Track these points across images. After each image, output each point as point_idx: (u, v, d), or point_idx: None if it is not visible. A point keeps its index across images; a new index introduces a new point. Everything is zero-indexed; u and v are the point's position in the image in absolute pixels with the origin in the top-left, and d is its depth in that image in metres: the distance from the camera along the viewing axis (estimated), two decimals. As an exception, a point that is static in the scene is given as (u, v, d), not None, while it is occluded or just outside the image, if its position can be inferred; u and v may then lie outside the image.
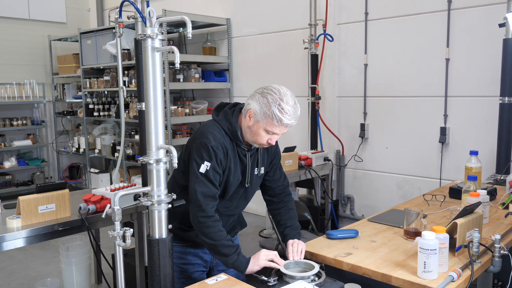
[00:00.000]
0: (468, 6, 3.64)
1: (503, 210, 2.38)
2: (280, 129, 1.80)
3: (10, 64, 6.43)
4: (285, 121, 1.76)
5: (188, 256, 2.02)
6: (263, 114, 1.77)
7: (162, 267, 1.63)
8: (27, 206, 2.26)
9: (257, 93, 1.82)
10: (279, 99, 1.76)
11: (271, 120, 1.76)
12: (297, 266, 1.82)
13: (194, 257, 2.03)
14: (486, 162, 3.21)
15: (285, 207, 2.11)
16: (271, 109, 1.75)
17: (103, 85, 5.91)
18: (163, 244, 1.63)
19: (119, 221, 1.56)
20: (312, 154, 3.98)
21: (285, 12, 4.86)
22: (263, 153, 2.03)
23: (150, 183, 1.60)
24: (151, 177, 1.60)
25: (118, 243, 1.58)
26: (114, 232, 1.56)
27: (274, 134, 1.82)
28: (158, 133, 1.59)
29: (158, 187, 1.60)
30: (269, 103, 1.76)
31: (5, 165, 6.28)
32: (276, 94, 1.78)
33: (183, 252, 2.02)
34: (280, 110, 1.75)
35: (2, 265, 3.97)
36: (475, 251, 1.74)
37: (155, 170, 1.59)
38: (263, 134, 1.81)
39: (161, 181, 1.60)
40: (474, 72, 3.66)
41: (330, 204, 4.26)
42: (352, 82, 4.42)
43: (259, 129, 1.81)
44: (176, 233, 1.97)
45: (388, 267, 1.71)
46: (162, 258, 1.63)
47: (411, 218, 2.01)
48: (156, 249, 1.62)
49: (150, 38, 1.55)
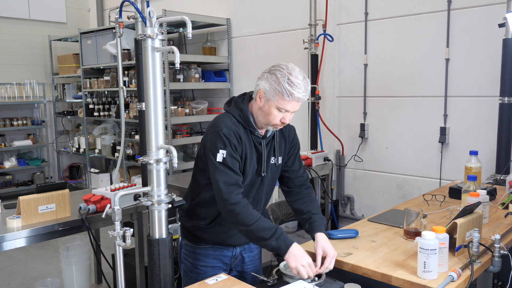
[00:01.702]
0: (468, 6, 3.64)
1: (503, 210, 2.38)
2: (292, 104, 1.77)
3: (10, 64, 6.43)
4: (296, 94, 1.74)
5: (208, 258, 1.97)
6: (273, 91, 1.76)
7: (162, 267, 1.63)
8: (27, 206, 2.26)
9: (265, 72, 1.83)
10: (287, 74, 1.75)
11: (282, 95, 1.74)
12: (297, 266, 1.81)
13: (214, 259, 1.98)
14: (486, 162, 3.21)
15: (308, 197, 2.04)
16: (280, 84, 1.74)
17: (103, 85, 5.91)
18: (163, 244, 1.63)
19: (119, 221, 1.56)
20: (312, 154, 3.98)
21: (285, 12, 4.86)
22: (279, 141, 1.98)
23: (150, 183, 1.60)
24: (151, 177, 1.60)
25: (118, 243, 1.58)
26: (114, 232, 1.57)
27: (286, 111, 1.79)
28: (158, 133, 1.59)
29: (158, 187, 1.60)
30: (278, 78, 1.76)
31: (5, 165, 6.28)
32: (284, 69, 1.78)
33: (204, 255, 1.97)
34: (290, 84, 1.73)
35: (2, 265, 3.98)
36: (475, 251, 1.74)
37: (155, 170, 1.59)
38: (276, 112, 1.79)
39: (161, 181, 1.60)
40: (474, 72, 3.66)
41: (330, 204, 4.26)
42: (352, 82, 4.42)
43: (271, 107, 1.78)
44: (196, 233, 1.93)
45: (388, 267, 1.71)
46: (162, 258, 1.63)
47: (411, 218, 2.01)
48: (156, 249, 1.62)
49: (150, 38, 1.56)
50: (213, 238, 1.95)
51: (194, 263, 1.97)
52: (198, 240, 1.96)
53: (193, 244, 1.97)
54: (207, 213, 1.91)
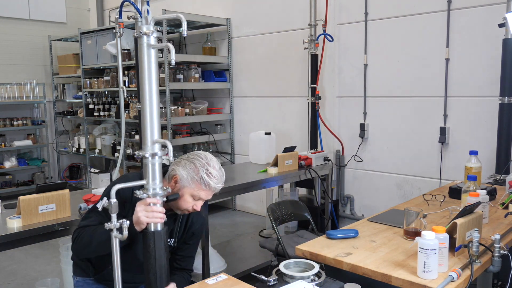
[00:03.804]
0: (468, 6, 3.64)
1: (503, 210, 2.38)
2: (206, 193, 1.81)
3: (10, 64, 6.43)
4: (213, 184, 1.79)
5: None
6: (190, 179, 1.78)
7: (157, 258, 1.64)
8: (27, 206, 2.26)
9: (183, 159, 1.84)
10: (206, 164, 1.79)
11: (199, 184, 1.78)
12: (297, 266, 1.82)
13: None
14: (485, 162, 3.21)
15: (181, 277, 2.01)
16: (199, 173, 1.77)
17: (103, 85, 5.91)
18: (158, 236, 1.64)
19: (115, 213, 1.57)
20: (312, 154, 3.98)
21: (285, 12, 4.86)
22: (180, 226, 1.97)
23: (146, 176, 1.62)
24: (146, 171, 1.62)
25: (115, 235, 1.59)
26: (111, 224, 1.57)
27: (200, 199, 1.82)
28: (153, 128, 1.61)
29: (154, 181, 1.62)
30: (196, 168, 1.78)
31: (6, 165, 6.28)
32: (203, 159, 1.81)
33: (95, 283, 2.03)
34: (208, 175, 1.78)
35: (2, 265, 3.98)
36: (474, 251, 1.74)
37: (151, 164, 1.61)
38: (189, 199, 1.81)
39: (156, 175, 1.62)
40: (474, 72, 3.66)
41: (330, 204, 4.26)
42: (352, 82, 4.42)
43: (185, 194, 1.80)
44: (86, 270, 2.01)
45: (388, 267, 1.71)
46: (157, 249, 1.64)
47: (411, 218, 2.01)
48: (152, 241, 1.63)
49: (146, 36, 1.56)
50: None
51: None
52: (87, 272, 2.02)
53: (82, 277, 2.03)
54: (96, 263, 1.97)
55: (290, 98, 4.92)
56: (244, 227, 4.97)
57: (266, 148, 4.08)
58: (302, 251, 1.94)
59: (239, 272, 3.34)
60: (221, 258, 3.54)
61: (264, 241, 3.17)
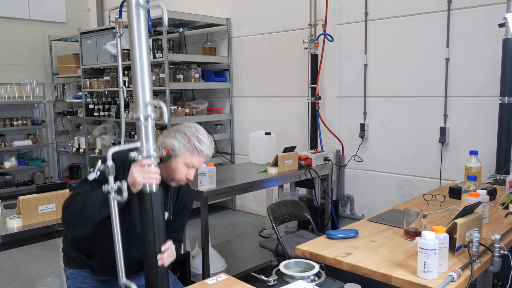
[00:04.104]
0: (468, 6, 3.64)
1: (503, 210, 2.38)
2: (199, 160, 1.86)
3: (10, 64, 6.43)
4: (205, 151, 1.85)
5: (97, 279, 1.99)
6: (183, 147, 1.83)
7: (155, 219, 1.65)
8: (27, 206, 2.26)
9: (171, 131, 1.88)
10: (196, 132, 1.86)
11: (192, 152, 1.84)
12: (297, 266, 1.82)
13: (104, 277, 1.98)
14: (486, 162, 3.21)
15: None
16: (191, 141, 1.83)
17: (103, 85, 5.91)
18: (155, 197, 1.66)
19: (113, 175, 1.58)
20: (312, 154, 3.98)
21: (285, 12, 4.86)
22: (172, 199, 2.00)
23: (140, 139, 1.63)
24: (139, 134, 1.63)
25: (114, 197, 1.58)
26: (108, 186, 1.58)
27: (192, 167, 1.86)
28: (144, 90, 1.63)
29: (147, 143, 1.64)
30: (187, 136, 1.84)
31: (5, 165, 6.28)
32: (192, 128, 1.88)
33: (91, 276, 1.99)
34: (200, 141, 1.85)
35: (3, 264, 3.98)
36: (475, 251, 1.74)
37: (143, 126, 1.63)
38: (183, 169, 1.85)
39: (150, 136, 1.64)
40: (474, 72, 3.66)
41: (330, 204, 4.26)
42: (352, 82, 4.42)
43: (178, 164, 1.83)
44: (79, 260, 1.97)
45: (388, 267, 1.71)
46: (155, 209, 1.65)
47: (411, 218, 2.01)
48: (149, 202, 1.64)
49: None
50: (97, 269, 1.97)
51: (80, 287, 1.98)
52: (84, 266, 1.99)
53: (77, 269, 2.00)
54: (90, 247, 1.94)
55: (290, 98, 4.92)
56: (244, 227, 4.97)
57: (266, 148, 4.08)
58: (302, 251, 1.94)
59: (239, 272, 3.34)
60: (221, 258, 3.54)
61: (264, 241, 3.17)
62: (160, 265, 1.66)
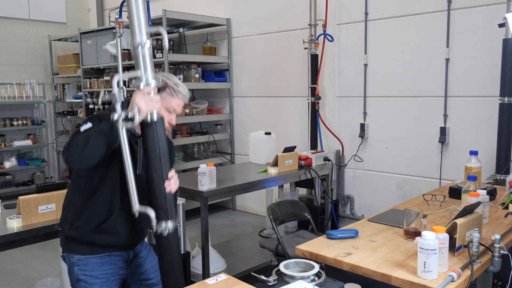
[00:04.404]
0: (468, 6, 3.64)
1: (503, 210, 2.38)
2: (177, 102, 1.93)
3: (10, 64, 6.43)
4: (182, 91, 1.93)
5: (104, 266, 1.90)
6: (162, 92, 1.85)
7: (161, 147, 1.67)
8: (27, 206, 2.27)
9: None
10: (170, 77, 1.93)
11: (170, 95, 1.90)
12: (297, 266, 1.82)
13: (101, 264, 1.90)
14: (485, 162, 3.21)
15: None
16: (168, 85, 1.89)
17: (103, 85, 5.91)
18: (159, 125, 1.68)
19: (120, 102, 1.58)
20: (312, 154, 3.98)
21: (285, 12, 4.86)
22: None
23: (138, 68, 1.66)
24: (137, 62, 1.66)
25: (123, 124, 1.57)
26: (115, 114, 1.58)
27: (174, 112, 1.93)
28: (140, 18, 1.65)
29: (146, 71, 1.66)
30: (163, 81, 1.89)
31: (5, 165, 6.28)
32: (166, 74, 1.95)
33: (100, 263, 1.90)
34: (175, 84, 1.92)
35: (3, 265, 3.98)
36: (475, 251, 1.74)
37: (141, 54, 1.65)
38: (165, 114, 1.88)
39: (148, 65, 1.67)
40: (474, 72, 3.66)
41: (330, 204, 4.26)
42: (352, 82, 4.42)
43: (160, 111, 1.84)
44: (87, 241, 1.86)
45: (388, 267, 1.71)
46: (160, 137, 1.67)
47: (411, 218, 2.01)
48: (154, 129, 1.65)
49: None
50: (105, 241, 1.88)
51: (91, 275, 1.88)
52: (90, 248, 1.89)
53: (85, 255, 1.90)
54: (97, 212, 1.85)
55: (290, 98, 4.92)
56: (244, 227, 4.97)
57: (266, 148, 4.08)
58: (302, 251, 1.94)
59: (239, 272, 3.34)
60: (221, 258, 3.54)
61: (264, 241, 3.17)
62: (168, 192, 1.70)
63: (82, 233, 1.86)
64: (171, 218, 1.74)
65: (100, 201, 1.83)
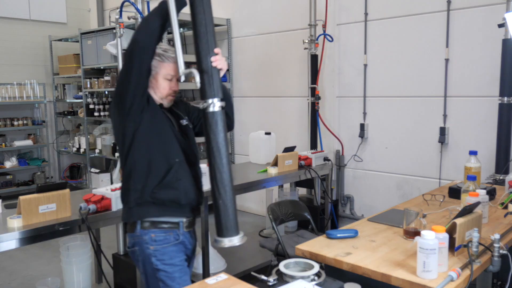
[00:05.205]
0: (467, 6, 3.64)
1: (502, 210, 2.39)
2: (170, 66, 1.96)
3: (10, 64, 6.43)
4: (170, 54, 1.97)
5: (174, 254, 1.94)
6: (155, 62, 1.93)
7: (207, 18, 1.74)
8: (28, 206, 2.27)
9: None
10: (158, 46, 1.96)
11: (162, 62, 1.95)
12: (297, 265, 1.82)
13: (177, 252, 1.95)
14: (485, 162, 3.21)
15: None
16: (158, 54, 1.94)
17: (104, 85, 5.92)
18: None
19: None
20: (312, 154, 3.98)
21: (285, 12, 4.86)
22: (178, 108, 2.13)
23: None
24: None
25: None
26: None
27: (172, 79, 1.98)
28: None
29: None
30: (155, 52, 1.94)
31: (6, 165, 6.29)
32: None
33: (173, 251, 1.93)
34: (165, 50, 1.97)
35: (3, 264, 3.98)
36: (474, 250, 1.74)
37: None
38: (165, 83, 1.97)
39: None
40: (473, 72, 3.66)
41: (330, 204, 4.26)
42: (352, 82, 4.42)
43: (158, 80, 1.96)
44: (153, 198, 1.90)
45: (387, 267, 1.72)
46: (207, 12, 1.73)
47: (410, 218, 2.01)
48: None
49: None
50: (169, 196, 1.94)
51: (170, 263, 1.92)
52: (157, 208, 1.94)
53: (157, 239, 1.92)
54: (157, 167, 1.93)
55: (290, 98, 4.92)
56: (244, 227, 4.95)
57: (266, 148, 4.09)
58: (302, 251, 1.95)
59: (239, 272, 3.35)
60: (221, 258, 3.54)
61: (264, 241, 3.17)
62: (215, 67, 1.78)
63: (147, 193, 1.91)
64: (217, 95, 1.77)
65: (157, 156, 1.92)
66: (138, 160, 1.93)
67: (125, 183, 2.00)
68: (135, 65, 1.83)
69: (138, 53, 1.83)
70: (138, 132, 1.90)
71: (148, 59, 1.86)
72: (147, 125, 1.90)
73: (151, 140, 1.91)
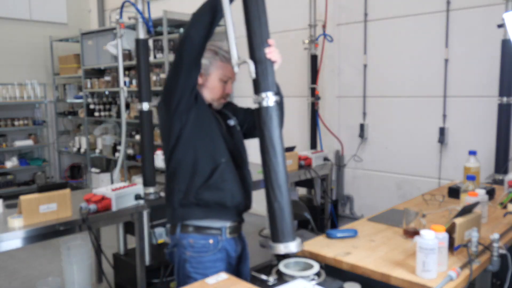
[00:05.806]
0: (467, 6, 3.65)
1: (502, 209, 2.39)
2: (230, 69, 1.88)
3: (11, 65, 6.44)
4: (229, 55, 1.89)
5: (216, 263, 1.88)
6: (213, 61, 1.88)
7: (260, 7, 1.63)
8: (29, 206, 2.28)
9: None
10: (217, 45, 1.92)
11: (220, 62, 1.89)
12: (297, 265, 1.83)
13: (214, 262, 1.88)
14: (484, 162, 3.22)
15: None
16: (218, 53, 1.89)
17: (104, 86, 5.93)
18: None
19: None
20: (311, 154, 3.98)
21: (285, 12, 4.87)
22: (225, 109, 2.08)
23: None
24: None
25: None
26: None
27: (228, 80, 1.92)
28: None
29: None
30: (212, 50, 1.90)
31: (7, 165, 6.30)
32: (214, 44, 1.93)
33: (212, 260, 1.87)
34: (220, 47, 1.90)
35: (4, 264, 3.99)
36: (473, 250, 1.75)
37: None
38: (219, 84, 1.91)
39: None
40: (472, 73, 3.67)
41: (330, 204, 4.26)
42: (352, 82, 4.43)
43: (214, 81, 1.91)
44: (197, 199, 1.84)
45: (387, 267, 1.72)
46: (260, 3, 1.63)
47: (410, 217, 2.02)
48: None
49: None
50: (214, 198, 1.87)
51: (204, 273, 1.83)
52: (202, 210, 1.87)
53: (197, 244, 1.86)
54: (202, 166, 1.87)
55: (290, 98, 4.89)
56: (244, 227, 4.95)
57: (266, 148, 4.08)
58: (302, 250, 1.95)
59: (239, 271, 3.35)
60: (222, 257, 3.54)
61: (264, 241, 3.18)
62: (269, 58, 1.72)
63: (191, 194, 1.85)
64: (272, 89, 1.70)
65: (203, 156, 1.86)
66: (183, 159, 1.86)
67: (168, 183, 1.92)
68: (185, 61, 1.75)
69: (188, 49, 1.74)
70: (185, 130, 1.84)
71: (198, 55, 1.77)
72: (193, 124, 1.84)
73: (197, 138, 1.85)
